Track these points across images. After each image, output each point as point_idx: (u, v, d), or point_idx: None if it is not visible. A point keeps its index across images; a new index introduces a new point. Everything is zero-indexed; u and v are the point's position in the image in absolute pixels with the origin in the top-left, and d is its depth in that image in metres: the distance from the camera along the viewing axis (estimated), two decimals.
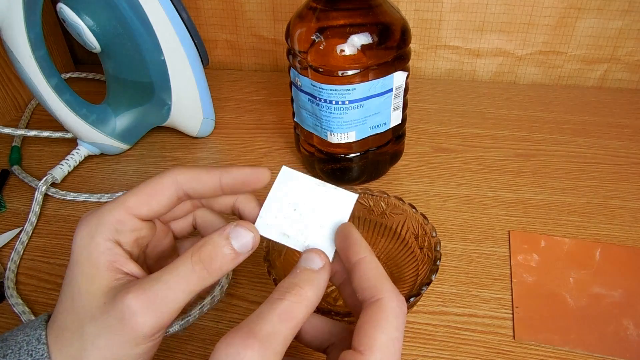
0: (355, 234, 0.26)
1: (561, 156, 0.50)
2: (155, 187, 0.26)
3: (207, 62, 0.51)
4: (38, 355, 0.23)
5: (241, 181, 0.27)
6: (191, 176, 0.27)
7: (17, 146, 0.54)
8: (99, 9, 0.44)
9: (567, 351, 0.33)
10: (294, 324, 0.22)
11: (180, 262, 0.24)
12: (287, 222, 0.27)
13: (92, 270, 0.24)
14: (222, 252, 0.24)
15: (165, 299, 0.23)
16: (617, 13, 0.58)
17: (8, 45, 0.42)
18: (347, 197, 0.28)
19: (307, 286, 0.23)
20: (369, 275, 0.24)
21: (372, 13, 0.39)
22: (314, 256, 0.25)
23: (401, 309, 0.23)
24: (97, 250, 0.24)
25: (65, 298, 0.25)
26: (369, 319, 0.22)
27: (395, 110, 0.43)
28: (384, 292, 0.23)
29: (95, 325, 0.23)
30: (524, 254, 0.39)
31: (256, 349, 0.20)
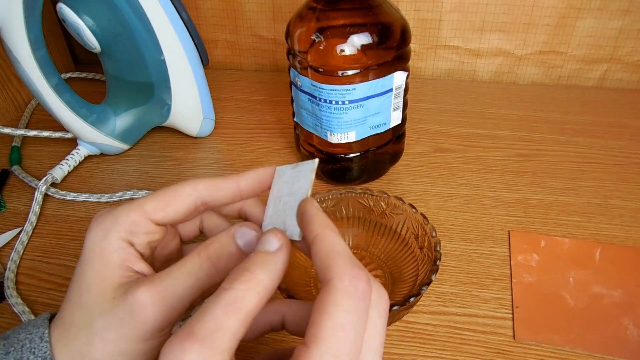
0: (311, 209, 0.23)
1: (561, 156, 0.50)
2: (174, 194, 0.26)
3: (207, 62, 0.51)
4: (41, 352, 0.23)
5: (258, 182, 0.27)
6: (210, 184, 0.27)
7: (17, 146, 0.54)
8: (99, 9, 0.44)
9: (567, 351, 0.33)
10: (243, 315, 0.20)
11: (189, 259, 0.24)
12: (277, 216, 0.27)
13: (103, 267, 0.24)
14: (229, 250, 0.24)
15: (174, 294, 0.23)
16: (617, 13, 0.58)
17: (8, 45, 0.42)
18: (307, 166, 0.26)
19: (259, 269, 0.21)
20: (320, 254, 0.21)
21: (372, 13, 0.39)
22: (269, 236, 0.23)
23: (356, 287, 0.20)
24: (109, 248, 0.24)
25: (73, 294, 0.24)
26: (317, 305, 0.20)
27: (395, 110, 0.43)
28: (334, 270, 0.20)
29: (104, 319, 0.23)
30: (524, 254, 0.39)
31: (195, 350, 0.18)
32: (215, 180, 0.27)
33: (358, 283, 0.20)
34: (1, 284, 0.38)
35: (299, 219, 0.24)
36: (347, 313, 0.19)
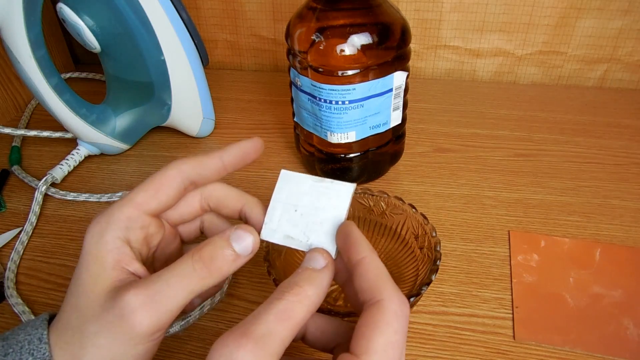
0: (356, 233, 0.25)
1: (561, 156, 0.50)
2: (161, 179, 0.26)
3: (207, 62, 0.51)
4: (40, 354, 0.23)
5: (241, 155, 0.28)
6: (194, 163, 0.27)
7: (17, 146, 0.54)
8: (99, 9, 0.44)
9: (567, 351, 0.33)
10: (292, 324, 0.22)
11: (181, 261, 0.24)
12: (290, 224, 0.27)
13: (98, 269, 0.24)
14: (223, 253, 0.24)
15: (165, 298, 0.23)
16: (617, 13, 0.58)
17: (8, 45, 0.42)
18: (344, 188, 0.27)
19: (308, 285, 0.23)
20: (369, 275, 0.23)
21: (372, 13, 0.39)
22: (316, 255, 0.25)
23: (402, 311, 0.22)
24: (105, 248, 0.25)
25: (71, 297, 0.25)
26: (367, 321, 0.22)
27: (395, 110, 0.43)
28: (384, 293, 0.22)
29: (95, 324, 0.23)
30: (524, 254, 0.39)
31: (249, 349, 0.20)
32: (198, 158, 0.27)
33: (404, 307, 0.22)
34: (1, 284, 0.39)
35: (342, 240, 0.25)
36: (396, 333, 0.21)
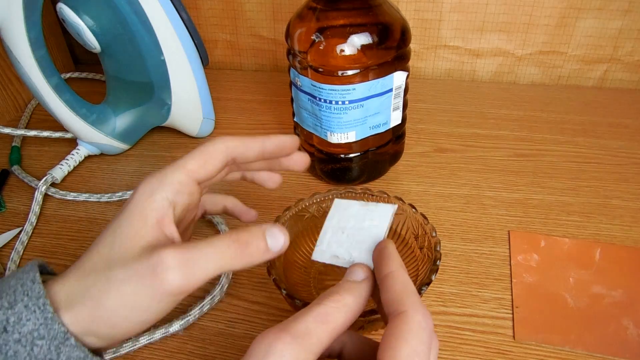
0: (390, 248, 0.26)
1: (561, 156, 0.50)
2: (209, 151, 0.28)
3: (207, 62, 0.51)
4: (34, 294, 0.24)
5: (280, 147, 0.30)
6: (240, 142, 0.29)
7: (17, 146, 0.54)
8: (99, 9, 0.44)
9: (567, 351, 0.33)
10: (330, 327, 0.23)
11: (219, 237, 0.25)
12: (337, 245, 0.30)
13: (140, 224, 0.25)
14: (258, 243, 0.26)
15: (198, 265, 0.24)
16: (617, 13, 0.58)
17: (8, 45, 0.42)
18: (386, 208, 0.29)
19: (347, 294, 0.24)
20: (395, 288, 0.24)
21: (372, 13, 0.39)
22: (356, 269, 0.26)
23: (427, 323, 0.23)
24: (150, 206, 0.26)
25: (102, 245, 0.25)
26: (393, 331, 0.22)
27: (395, 110, 0.43)
28: (409, 305, 0.23)
29: (125, 272, 0.24)
30: (524, 254, 0.39)
31: (287, 341, 0.21)
32: (244, 138, 0.29)
33: (428, 320, 0.23)
34: None
35: (376, 254, 0.27)
36: (421, 343, 0.22)
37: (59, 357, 0.24)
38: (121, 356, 0.33)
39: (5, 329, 0.23)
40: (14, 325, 0.23)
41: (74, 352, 0.24)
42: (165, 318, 0.35)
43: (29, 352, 0.23)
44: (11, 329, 0.23)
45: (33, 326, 0.23)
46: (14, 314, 0.23)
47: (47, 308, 0.23)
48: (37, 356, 0.23)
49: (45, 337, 0.23)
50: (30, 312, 0.23)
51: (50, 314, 0.23)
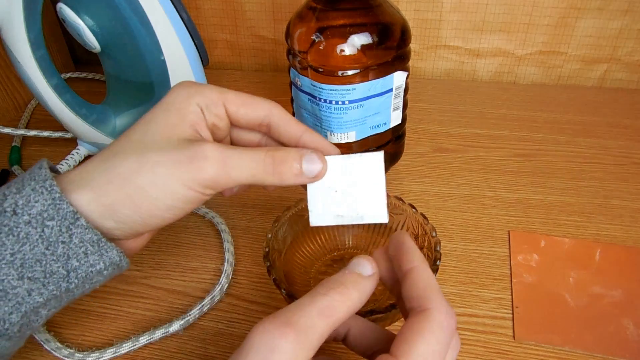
0: (409, 242, 0.26)
1: (561, 156, 0.50)
2: (254, 102, 0.28)
3: (207, 62, 0.51)
4: (40, 177, 0.24)
5: (316, 148, 0.29)
6: (286, 118, 0.29)
7: (17, 146, 0.54)
8: (99, 9, 0.44)
9: (567, 351, 0.33)
10: (333, 321, 0.22)
11: (256, 150, 0.26)
12: (334, 204, 0.29)
13: (178, 120, 0.26)
14: (292, 164, 0.26)
15: (234, 164, 0.25)
16: (617, 13, 0.58)
17: (8, 45, 0.42)
18: (373, 157, 0.28)
19: (354, 288, 0.23)
20: (419, 284, 0.23)
21: (372, 13, 0.39)
22: (364, 262, 0.25)
23: (448, 324, 0.22)
24: (188, 108, 0.26)
25: (133, 132, 0.26)
26: (412, 327, 0.22)
27: (395, 110, 0.43)
28: (433, 302, 0.22)
29: (161, 155, 0.24)
30: (524, 254, 0.39)
31: (291, 339, 0.21)
32: (290, 118, 0.29)
33: (450, 320, 0.22)
34: None
35: (394, 248, 0.26)
36: (439, 343, 0.22)
37: (71, 239, 0.24)
38: (121, 356, 0.33)
39: (15, 212, 0.23)
40: (23, 207, 0.23)
41: (86, 234, 0.24)
42: (165, 318, 0.35)
43: (40, 234, 0.23)
44: (20, 211, 0.23)
45: (42, 207, 0.23)
46: (21, 197, 0.23)
47: (54, 189, 0.24)
48: (49, 238, 0.23)
49: (54, 217, 0.23)
50: (37, 194, 0.23)
51: (58, 194, 0.23)
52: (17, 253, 0.23)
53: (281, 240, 0.36)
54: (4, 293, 0.23)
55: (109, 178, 0.24)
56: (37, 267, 0.23)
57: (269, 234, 0.34)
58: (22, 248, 0.23)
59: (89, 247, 0.24)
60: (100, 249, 0.24)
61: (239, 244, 0.41)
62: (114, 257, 0.25)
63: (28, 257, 0.23)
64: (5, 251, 0.23)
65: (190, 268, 0.40)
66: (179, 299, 0.37)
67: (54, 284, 0.24)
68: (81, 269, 0.24)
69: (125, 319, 0.36)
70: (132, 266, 0.40)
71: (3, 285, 0.23)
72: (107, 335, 0.35)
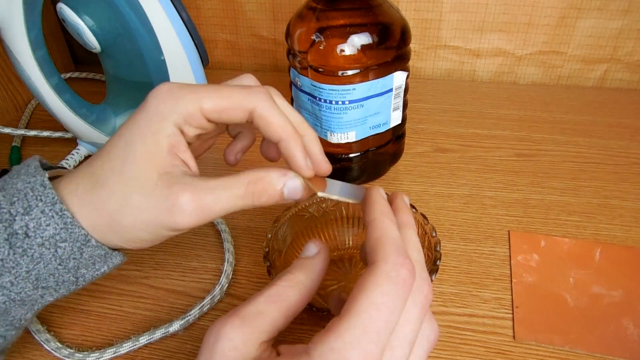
0: (376, 195, 0.25)
1: (561, 156, 0.50)
2: (232, 106, 0.26)
3: (207, 62, 0.51)
4: (49, 199, 0.24)
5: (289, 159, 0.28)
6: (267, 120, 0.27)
7: (17, 146, 0.54)
8: (99, 9, 0.44)
9: (567, 351, 0.33)
10: (283, 306, 0.23)
11: (235, 184, 0.25)
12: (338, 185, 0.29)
13: (154, 147, 0.25)
14: (273, 192, 0.26)
15: (211, 211, 0.25)
16: (617, 13, 0.58)
17: (8, 45, 0.42)
18: None
19: (299, 271, 0.24)
20: (372, 236, 0.22)
21: (372, 13, 0.39)
22: (308, 244, 0.26)
23: (398, 274, 0.21)
24: (163, 132, 0.26)
25: (114, 157, 0.26)
26: (359, 282, 0.21)
27: (395, 110, 0.43)
28: (380, 254, 0.21)
29: (142, 200, 0.25)
30: (524, 254, 0.39)
31: (236, 324, 0.21)
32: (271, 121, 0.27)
33: (401, 269, 0.21)
34: None
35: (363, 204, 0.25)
36: (385, 295, 0.20)
37: (81, 256, 0.26)
38: (121, 356, 0.33)
39: (27, 234, 0.24)
40: (35, 231, 0.24)
41: (95, 250, 0.26)
42: (165, 318, 0.35)
43: (53, 254, 0.25)
44: (32, 234, 0.24)
45: (54, 231, 0.24)
46: (32, 220, 0.24)
47: (65, 214, 0.24)
48: (62, 256, 0.25)
49: (67, 239, 0.25)
50: (48, 218, 0.24)
51: (70, 219, 0.25)
52: (32, 270, 0.25)
53: (281, 240, 0.36)
54: (21, 302, 0.26)
55: (99, 213, 0.25)
56: (51, 279, 0.25)
57: (269, 234, 0.34)
58: (37, 266, 0.25)
59: (97, 259, 0.26)
60: (106, 258, 0.27)
61: (239, 244, 0.41)
62: (117, 261, 0.27)
63: (42, 272, 0.25)
64: (21, 269, 0.25)
65: (190, 268, 0.40)
66: (179, 299, 0.37)
67: (65, 289, 0.27)
68: (88, 274, 0.27)
69: (125, 319, 0.36)
70: (132, 266, 0.40)
71: (20, 297, 0.25)
72: (107, 335, 0.35)
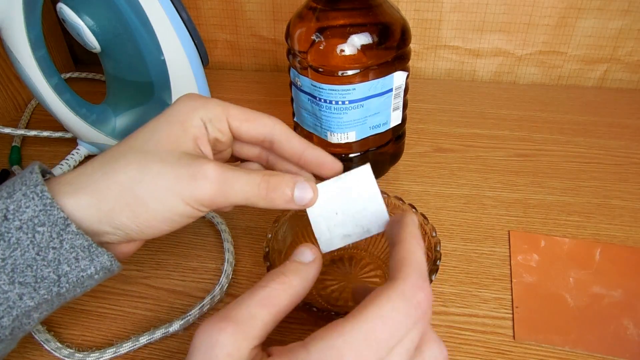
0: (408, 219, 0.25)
1: (561, 156, 0.50)
2: (257, 117, 0.29)
3: (207, 62, 0.51)
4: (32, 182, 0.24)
5: (319, 163, 0.30)
6: (288, 134, 0.29)
7: (17, 146, 0.54)
8: (99, 9, 0.44)
9: (567, 351, 0.33)
10: (274, 310, 0.22)
11: (253, 173, 0.26)
12: (339, 226, 0.29)
13: (180, 133, 0.26)
14: (284, 190, 0.27)
15: (231, 187, 0.25)
16: (617, 13, 0.58)
17: (8, 45, 0.42)
18: (362, 171, 0.29)
19: (293, 275, 0.24)
20: (397, 256, 0.23)
21: (372, 13, 0.39)
22: (304, 249, 0.26)
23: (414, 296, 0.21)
24: (191, 122, 0.27)
25: (134, 139, 0.26)
26: (374, 293, 0.21)
27: (395, 110, 0.43)
28: (402, 274, 0.21)
29: (162, 167, 0.25)
30: (524, 254, 0.39)
31: (230, 331, 0.21)
32: (292, 134, 0.30)
33: (418, 291, 0.21)
34: None
35: (391, 224, 0.26)
36: (394, 311, 0.20)
37: (61, 245, 0.24)
38: (121, 356, 0.33)
39: (6, 217, 0.23)
40: (14, 213, 0.23)
41: (76, 240, 0.24)
42: (165, 318, 0.35)
43: (31, 240, 0.23)
44: (11, 216, 0.23)
45: (33, 213, 0.23)
46: (12, 202, 0.23)
47: (45, 194, 0.24)
48: (40, 244, 0.23)
49: (45, 223, 0.23)
50: (28, 200, 0.23)
51: (49, 200, 0.23)
52: (8, 258, 0.23)
53: (281, 240, 0.36)
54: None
55: (109, 184, 0.24)
56: (28, 272, 0.23)
57: (269, 234, 0.34)
58: (13, 253, 0.23)
59: (79, 253, 0.24)
60: (91, 254, 0.25)
61: (239, 244, 0.41)
62: (105, 261, 0.25)
63: (19, 263, 0.23)
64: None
65: (190, 268, 0.40)
66: (179, 299, 0.37)
67: (45, 289, 0.24)
68: (72, 273, 0.24)
69: (125, 319, 0.36)
70: (132, 266, 0.40)
71: None
72: (107, 335, 0.35)
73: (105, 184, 0.24)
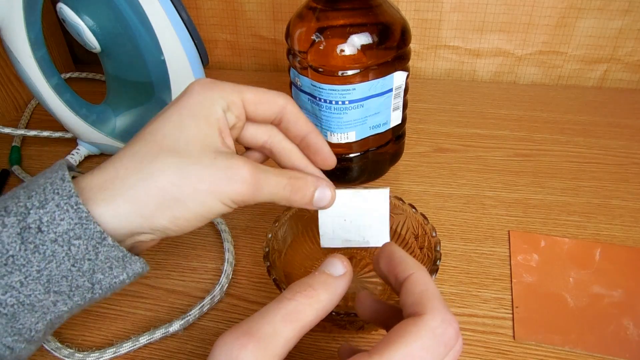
0: (398, 252, 0.25)
1: (561, 156, 0.50)
2: (270, 97, 0.29)
3: (207, 62, 0.51)
4: (65, 192, 0.23)
5: (316, 149, 0.30)
6: (297, 114, 0.30)
7: (17, 146, 0.54)
8: (99, 9, 0.44)
9: (567, 351, 0.33)
10: (299, 326, 0.21)
11: (280, 174, 0.27)
12: (343, 231, 0.32)
13: (207, 129, 0.26)
14: (305, 192, 0.28)
15: (263, 187, 0.26)
16: (617, 13, 0.58)
17: (8, 45, 0.42)
18: (380, 192, 0.32)
19: (322, 289, 0.22)
20: (414, 290, 0.22)
21: (372, 13, 0.39)
22: (336, 261, 0.24)
23: (444, 332, 0.20)
24: (214, 115, 0.27)
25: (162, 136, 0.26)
26: (399, 328, 0.20)
27: (395, 110, 0.43)
28: (429, 308, 0.21)
29: (201, 170, 0.25)
30: (524, 254, 0.39)
31: (250, 348, 0.20)
32: (300, 115, 0.30)
33: (448, 327, 0.21)
34: None
35: (385, 261, 0.25)
36: (424, 350, 0.20)
37: (97, 257, 0.24)
38: (121, 356, 0.33)
39: (40, 229, 0.23)
40: (48, 225, 0.23)
41: (112, 251, 0.24)
42: (165, 318, 0.35)
43: (66, 252, 0.23)
44: (45, 228, 0.23)
45: (68, 226, 0.23)
46: (46, 214, 0.23)
47: (80, 207, 0.23)
48: (75, 256, 0.23)
49: (81, 237, 0.23)
50: (63, 212, 0.23)
51: (85, 213, 0.23)
52: (44, 270, 0.23)
53: (281, 240, 0.36)
54: (31, 307, 0.23)
55: (147, 190, 0.24)
56: (64, 282, 0.24)
57: (269, 234, 0.34)
58: (49, 265, 0.23)
59: (114, 262, 0.25)
60: (124, 262, 0.25)
61: (239, 244, 0.41)
62: (137, 268, 0.26)
63: (54, 274, 0.23)
64: (32, 268, 0.23)
65: (190, 268, 0.40)
66: (179, 299, 0.37)
67: (79, 295, 0.25)
68: (105, 281, 0.25)
69: (125, 319, 0.36)
70: None
71: (30, 300, 0.23)
72: (107, 335, 0.35)
73: (143, 190, 0.24)
